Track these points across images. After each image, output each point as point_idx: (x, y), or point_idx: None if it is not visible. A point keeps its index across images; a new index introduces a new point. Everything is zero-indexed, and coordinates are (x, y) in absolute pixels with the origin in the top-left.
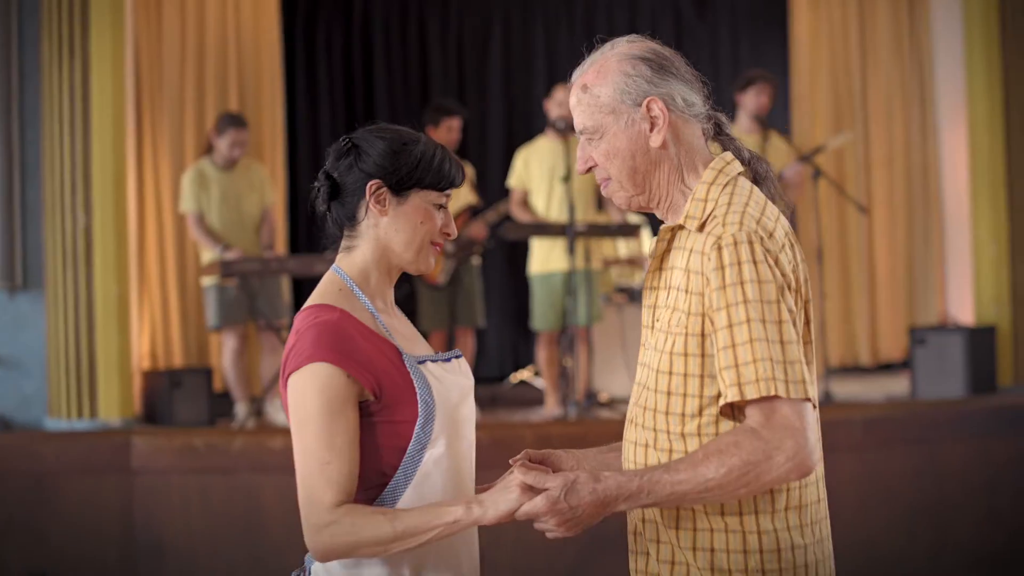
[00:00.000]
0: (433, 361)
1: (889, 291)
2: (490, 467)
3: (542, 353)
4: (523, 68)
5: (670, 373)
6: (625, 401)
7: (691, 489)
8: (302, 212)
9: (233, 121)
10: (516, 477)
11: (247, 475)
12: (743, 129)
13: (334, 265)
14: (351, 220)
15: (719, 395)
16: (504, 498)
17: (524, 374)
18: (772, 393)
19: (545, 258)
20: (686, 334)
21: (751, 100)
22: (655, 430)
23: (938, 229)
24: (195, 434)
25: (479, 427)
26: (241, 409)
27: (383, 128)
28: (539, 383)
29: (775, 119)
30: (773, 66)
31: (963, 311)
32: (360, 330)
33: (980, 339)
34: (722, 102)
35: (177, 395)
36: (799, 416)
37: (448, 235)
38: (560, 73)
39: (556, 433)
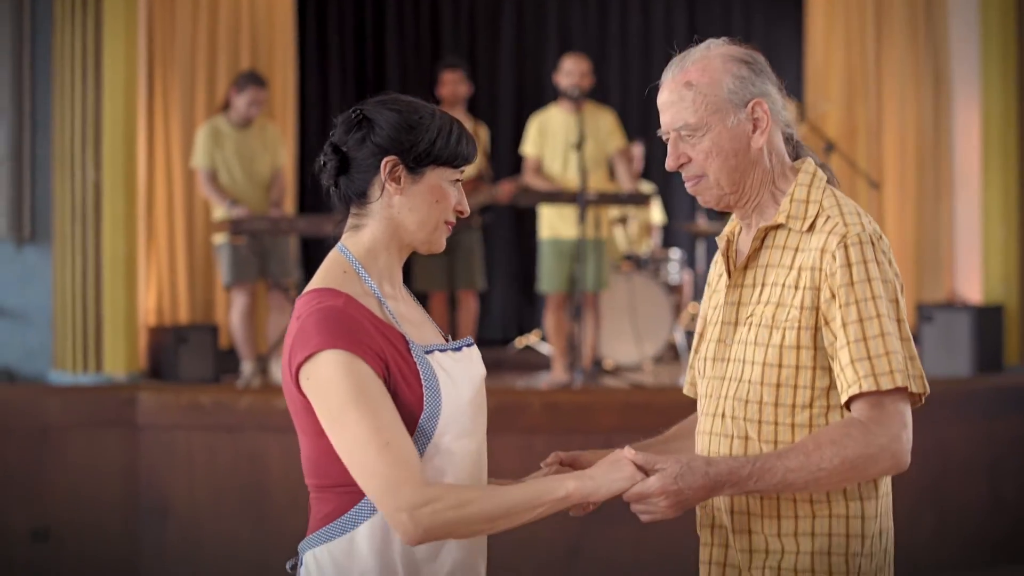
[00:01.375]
0: (442, 351)
1: (897, 267)
2: (499, 431)
3: (550, 318)
4: (535, 37)
5: (780, 366)
6: (631, 369)
7: (802, 477)
8: (312, 173)
9: (254, 79)
10: (626, 455)
11: (253, 434)
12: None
13: (339, 244)
14: (361, 197)
15: (830, 386)
16: (617, 476)
17: (529, 339)
18: (903, 385)
19: (555, 224)
20: (799, 328)
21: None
22: (760, 422)
23: (948, 207)
24: (202, 391)
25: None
26: (247, 367)
27: (396, 99)
28: (544, 348)
29: (789, 93)
30: (787, 41)
31: (971, 290)
32: (367, 317)
33: (987, 318)
34: None
35: (183, 351)
36: (908, 412)
37: (462, 213)
38: (571, 42)
39: (563, 401)
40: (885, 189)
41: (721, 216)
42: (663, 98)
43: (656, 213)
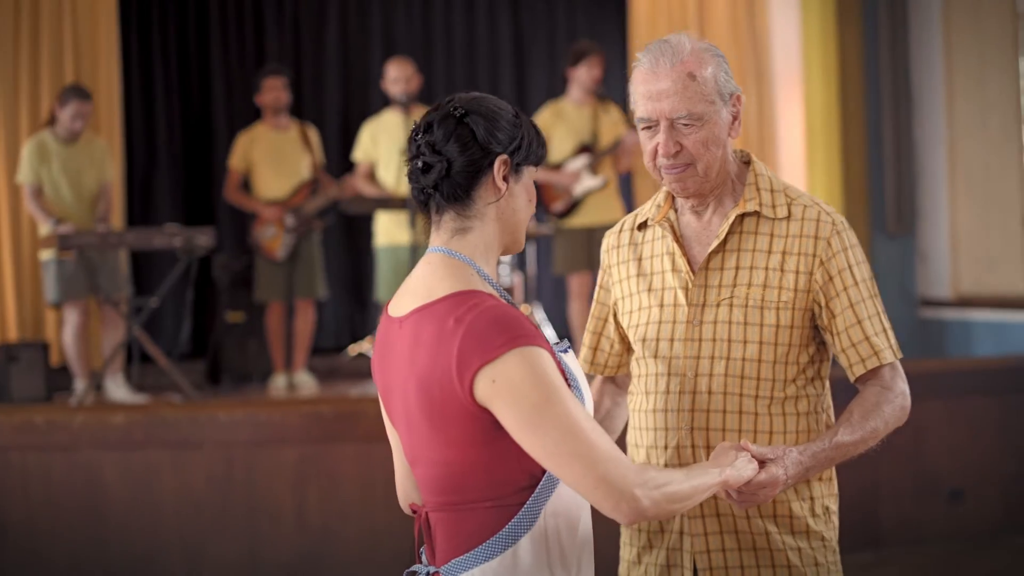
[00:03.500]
0: (564, 352)
1: None
2: (337, 440)
3: None
4: (359, 40)
5: (776, 344)
6: None
7: (860, 448)
8: (137, 185)
9: (77, 93)
10: (744, 446)
11: (88, 452)
12: (575, 101)
13: (443, 248)
14: (466, 198)
15: (808, 362)
16: (747, 466)
17: (363, 346)
18: (898, 358)
19: (391, 230)
20: (792, 309)
21: (584, 75)
22: (756, 396)
23: None
24: (35, 411)
25: (323, 401)
26: (80, 384)
27: (486, 97)
28: None
29: (613, 90)
30: (610, 39)
31: None
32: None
33: None
34: (562, 76)
35: (13, 370)
36: (903, 374)
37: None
38: (395, 44)
39: None
40: None
41: (561, 217)
42: (661, 86)
43: None
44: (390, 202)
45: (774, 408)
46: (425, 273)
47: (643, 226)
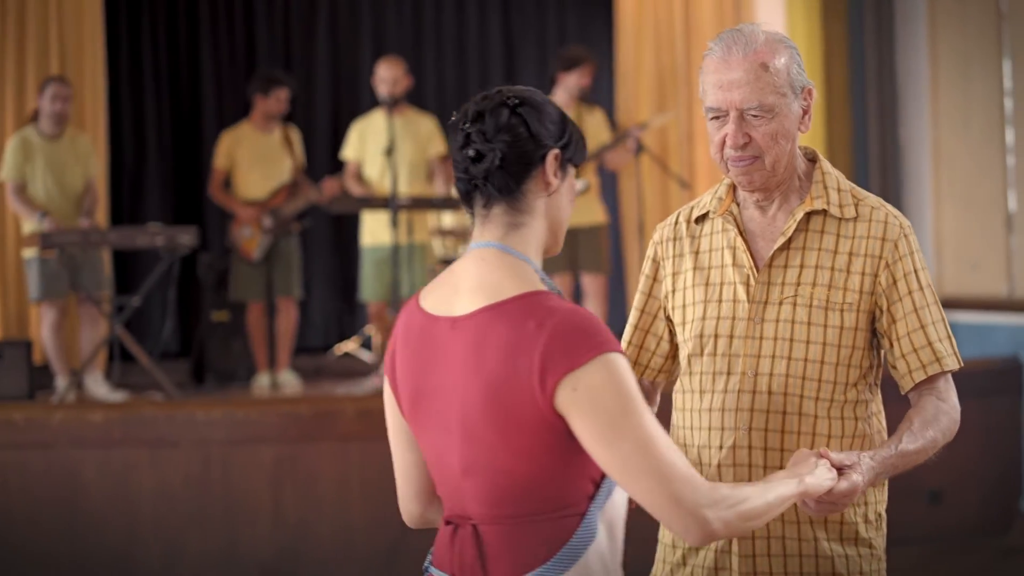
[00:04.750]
0: None
1: None
2: (314, 439)
3: (374, 326)
4: (349, 39)
5: (839, 346)
6: None
7: (920, 457)
8: (124, 183)
9: (54, 78)
10: (824, 454)
11: (66, 450)
12: (560, 104)
13: (498, 243)
14: (516, 191)
15: (869, 367)
16: (825, 476)
17: (349, 346)
18: (959, 366)
19: (374, 230)
20: (857, 311)
21: (574, 80)
22: (816, 399)
23: None
24: (14, 408)
25: (301, 400)
26: (61, 382)
27: (531, 89)
28: (364, 355)
29: (598, 94)
30: (598, 42)
31: None
32: None
33: None
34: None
35: None
36: (954, 387)
37: None
38: (385, 45)
39: (377, 407)
40: (697, 189)
41: None
42: (732, 76)
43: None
44: (374, 202)
45: (833, 411)
46: (482, 270)
47: (701, 219)
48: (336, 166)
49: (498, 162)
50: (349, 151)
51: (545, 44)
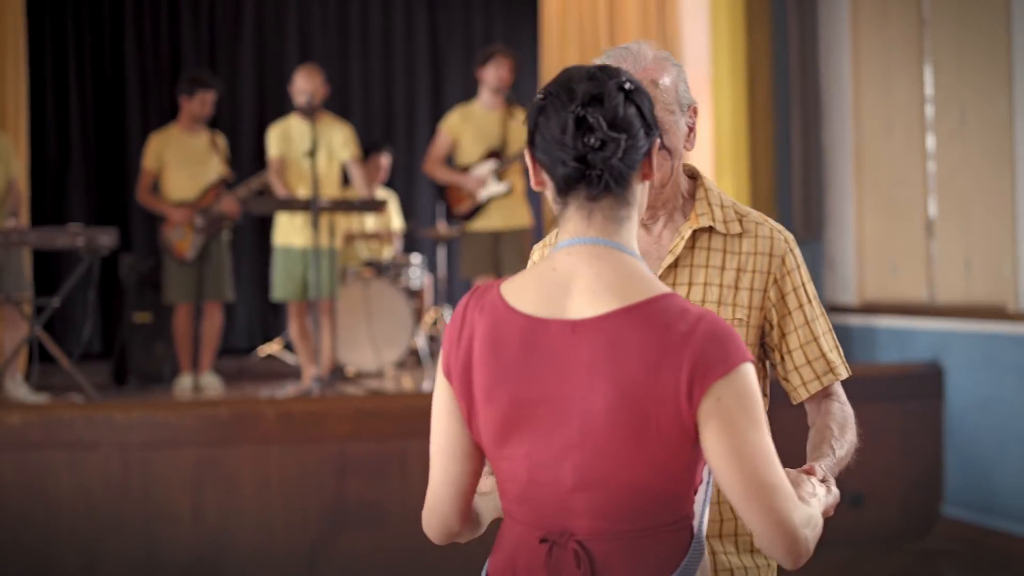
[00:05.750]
0: None
1: None
2: (233, 442)
3: (293, 326)
4: (276, 44)
5: None
6: (370, 376)
7: (848, 461)
8: (47, 183)
9: None
10: (812, 472)
11: None
12: (486, 105)
13: (606, 240)
14: (626, 182)
15: (762, 378)
16: (823, 491)
17: (272, 347)
18: (849, 374)
19: (286, 231)
20: (747, 326)
21: (491, 74)
22: None
23: None
24: None
25: (220, 403)
26: None
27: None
28: (288, 357)
29: (524, 94)
30: (524, 43)
31: None
32: None
33: None
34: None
35: None
36: None
37: None
38: (311, 48)
39: (297, 410)
40: None
41: (465, 220)
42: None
43: (395, 219)
44: (294, 203)
45: None
46: (599, 270)
47: None
48: (260, 168)
49: (621, 152)
50: (274, 149)
51: (471, 46)
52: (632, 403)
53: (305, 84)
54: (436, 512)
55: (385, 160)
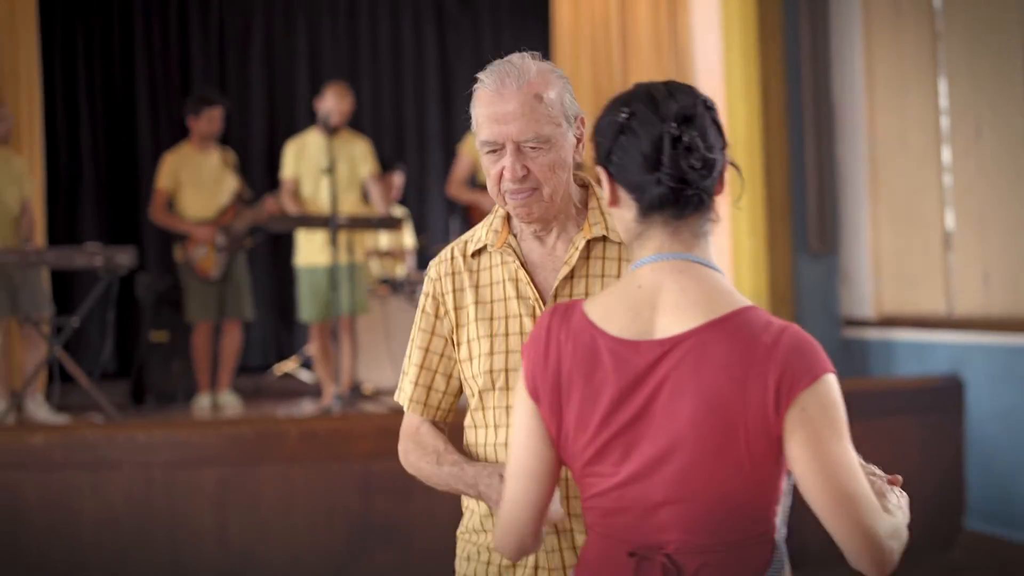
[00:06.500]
0: None
1: None
2: (257, 461)
3: (315, 344)
4: (285, 61)
5: None
6: (388, 393)
7: None
8: (61, 204)
9: None
10: (898, 482)
11: (7, 472)
12: None
13: (692, 255)
14: (713, 200)
15: None
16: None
17: (288, 366)
18: None
19: (308, 250)
20: None
21: None
22: None
23: None
24: None
25: (243, 422)
26: (0, 405)
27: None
28: (304, 375)
29: None
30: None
31: None
32: None
33: None
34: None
35: None
36: None
37: None
38: (322, 66)
39: (320, 428)
40: None
41: None
42: (508, 108)
43: (408, 237)
44: (313, 220)
45: None
46: (685, 284)
47: (477, 253)
48: (271, 183)
49: (717, 171)
50: (287, 169)
51: (480, 62)
52: (720, 415)
53: (336, 105)
54: (513, 532)
55: (398, 178)
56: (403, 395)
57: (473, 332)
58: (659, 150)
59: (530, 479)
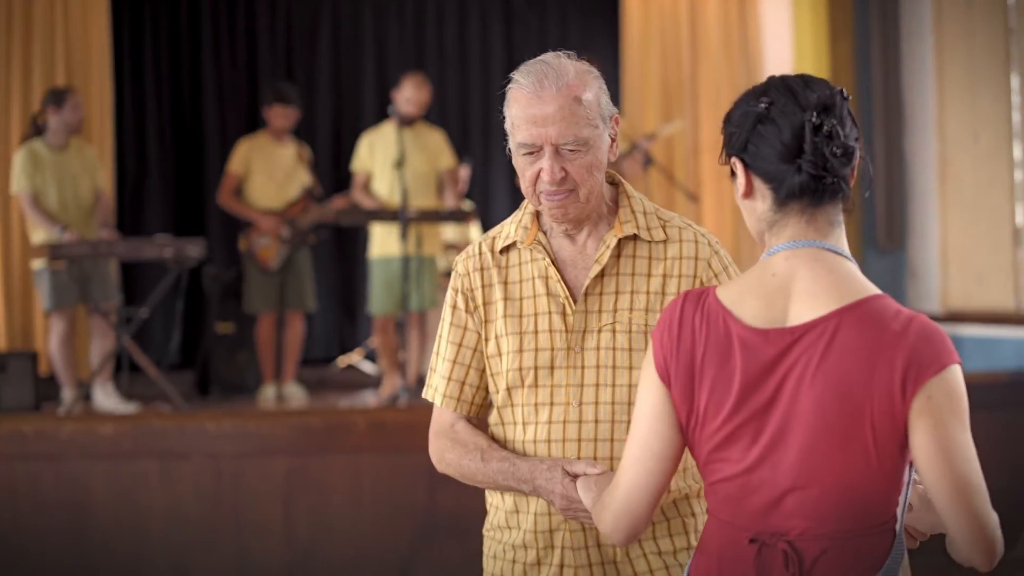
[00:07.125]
0: None
1: None
2: (325, 451)
3: (378, 338)
4: (352, 54)
5: None
6: None
7: None
8: (128, 195)
9: (68, 90)
10: None
11: (76, 462)
12: None
13: (826, 243)
14: (848, 187)
15: None
16: None
17: (352, 357)
18: None
19: (383, 243)
20: None
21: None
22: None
23: None
24: (24, 420)
25: (311, 413)
26: (68, 394)
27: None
28: (366, 367)
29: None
30: (603, 55)
31: None
32: None
33: None
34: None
35: (2, 379)
36: None
37: None
38: (389, 61)
39: (388, 419)
40: (703, 201)
41: None
42: (547, 111)
43: (475, 231)
44: (383, 214)
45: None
46: (819, 272)
47: (506, 249)
48: (338, 177)
49: (856, 160)
50: (358, 163)
51: None
52: (847, 402)
53: (415, 95)
54: (630, 514)
55: (464, 171)
56: (434, 391)
57: (501, 328)
58: (800, 138)
59: (655, 462)
